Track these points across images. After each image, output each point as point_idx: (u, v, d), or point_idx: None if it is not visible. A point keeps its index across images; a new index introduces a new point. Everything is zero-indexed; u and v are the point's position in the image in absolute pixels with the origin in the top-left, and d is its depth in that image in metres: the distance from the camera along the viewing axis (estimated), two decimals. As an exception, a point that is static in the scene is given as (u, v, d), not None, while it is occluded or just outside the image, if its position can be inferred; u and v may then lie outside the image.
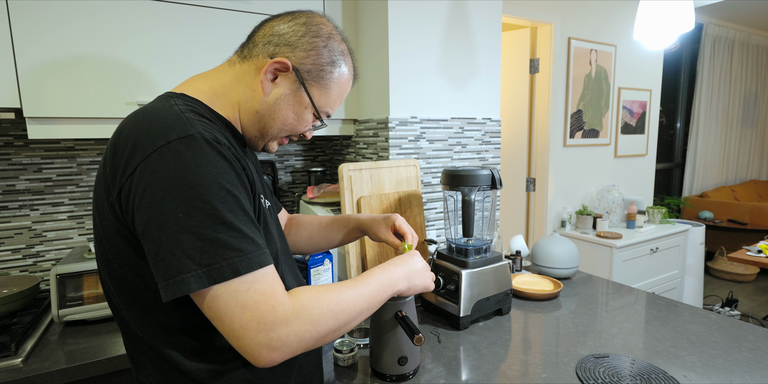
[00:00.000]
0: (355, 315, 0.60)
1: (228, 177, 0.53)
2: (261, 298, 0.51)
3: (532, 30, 2.54)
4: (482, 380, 0.86)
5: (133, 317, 0.60)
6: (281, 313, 0.52)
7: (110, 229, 0.56)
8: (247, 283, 0.51)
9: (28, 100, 1.04)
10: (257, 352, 0.51)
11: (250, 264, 0.51)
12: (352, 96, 1.52)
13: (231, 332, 0.51)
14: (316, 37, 0.65)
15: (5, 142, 1.29)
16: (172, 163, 0.51)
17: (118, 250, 0.57)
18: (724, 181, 4.54)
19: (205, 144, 0.53)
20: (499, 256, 1.16)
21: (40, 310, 1.18)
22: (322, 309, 0.56)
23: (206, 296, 0.50)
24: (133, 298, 0.59)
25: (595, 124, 2.78)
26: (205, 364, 0.60)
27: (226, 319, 0.50)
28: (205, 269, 0.49)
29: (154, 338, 0.59)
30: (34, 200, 1.34)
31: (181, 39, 1.19)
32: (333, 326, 0.57)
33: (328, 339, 0.57)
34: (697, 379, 0.84)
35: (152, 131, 0.53)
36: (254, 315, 0.50)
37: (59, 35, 1.06)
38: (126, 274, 0.58)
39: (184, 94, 0.63)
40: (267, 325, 0.51)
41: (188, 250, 0.49)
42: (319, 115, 0.69)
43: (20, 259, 1.34)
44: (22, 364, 0.94)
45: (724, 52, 4.21)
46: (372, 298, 0.63)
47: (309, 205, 1.42)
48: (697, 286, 2.88)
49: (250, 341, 0.50)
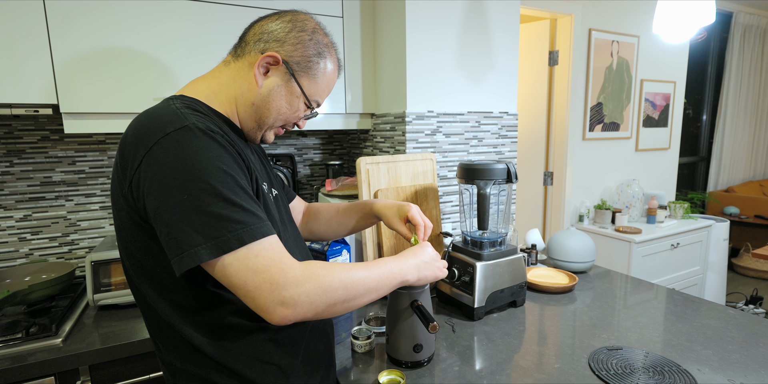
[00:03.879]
0: (364, 291, 0.64)
1: (224, 159, 0.58)
2: (270, 263, 0.56)
3: (551, 21, 2.50)
4: (496, 369, 0.88)
5: (151, 297, 0.66)
6: (292, 275, 0.57)
7: (125, 218, 0.62)
8: (254, 250, 0.56)
9: (64, 96, 1.10)
10: (272, 309, 0.56)
11: (253, 234, 0.56)
12: (369, 90, 1.54)
13: (247, 294, 0.56)
14: (301, 31, 0.71)
15: (42, 136, 1.37)
16: (172, 151, 0.56)
17: (134, 236, 0.63)
18: (752, 175, 4.39)
19: (200, 132, 0.58)
20: (514, 249, 1.18)
21: (76, 295, 1.25)
22: (332, 278, 0.60)
23: (219, 266, 0.55)
24: (151, 279, 0.65)
25: (615, 117, 2.73)
26: (216, 341, 0.65)
27: (241, 284, 0.55)
28: (214, 241, 0.54)
29: (171, 316, 0.65)
30: (68, 191, 1.42)
31: (207, 36, 1.23)
32: (342, 296, 0.61)
33: (338, 309, 0.61)
34: (711, 373, 0.84)
35: (152, 127, 0.59)
36: (266, 277, 0.55)
37: (92, 33, 1.11)
38: (143, 257, 0.64)
39: (183, 96, 0.69)
40: (279, 285, 0.56)
41: (196, 226, 0.54)
42: (310, 103, 0.75)
43: (57, 246, 1.43)
44: (62, 344, 1.01)
45: (755, 41, 4.04)
46: (381, 281, 0.67)
47: (327, 198, 1.45)
48: (719, 282, 2.82)
49: (265, 300, 0.55)
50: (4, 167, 1.34)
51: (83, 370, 1.00)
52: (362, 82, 1.52)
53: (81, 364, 0.98)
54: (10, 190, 1.35)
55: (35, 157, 1.37)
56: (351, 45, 1.47)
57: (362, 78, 1.51)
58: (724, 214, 3.92)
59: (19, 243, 1.38)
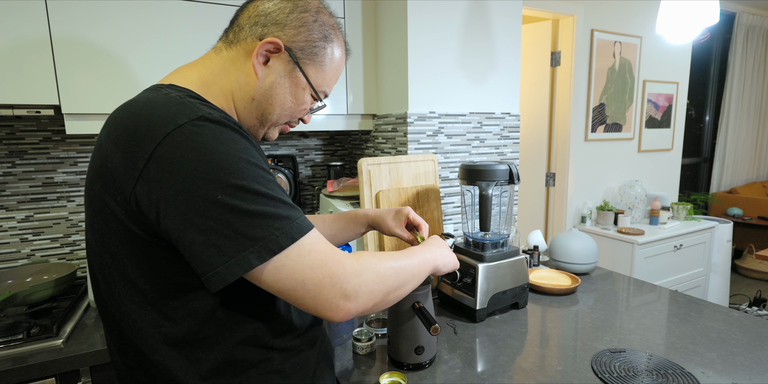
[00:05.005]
0: (410, 277, 0.62)
1: (250, 151, 0.52)
2: (324, 257, 0.52)
3: (553, 22, 2.50)
4: (498, 371, 0.87)
5: (135, 328, 0.56)
6: (350, 265, 0.53)
7: (115, 229, 0.52)
8: (306, 246, 0.51)
9: (66, 97, 1.10)
10: (335, 305, 0.52)
11: (301, 228, 0.51)
12: (371, 91, 1.53)
13: (306, 294, 0.51)
14: (304, 12, 0.62)
15: (44, 137, 1.37)
16: (191, 146, 0.48)
17: (128, 253, 0.53)
18: (755, 176, 4.37)
19: (218, 124, 0.51)
20: (516, 251, 1.17)
21: (77, 296, 1.25)
22: (384, 265, 0.58)
23: (270, 270, 0.49)
24: (141, 307, 0.55)
25: (618, 118, 2.72)
26: (211, 380, 0.57)
27: (299, 284, 0.50)
28: (262, 243, 0.48)
29: (157, 353, 0.56)
30: (70, 192, 1.42)
31: (211, 36, 1.23)
32: (395, 284, 0.59)
33: (391, 298, 0.59)
34: (715, 376, 0.84)
35: (156, 118, 0.50)
36: (325, 271, 0.51)
37: (94, 34, 1.11)
38: (137, 279, 0.54)
39: (173, 85, 0.59)
40: (340, 278, 0.52)
41: (239, 228, 0.47)
42: (318, 94, 0.66)
43: (58, 247, 1.43)
44: (63, 345, 1.01)
45: (758, 41, 4.03)
46: (420, 267, 0.66)
47: (329, 199, 1.45)
48: (722, 284, 2.81)
49: (328, 295, 0.51)
50: (6, 168, 1.34)
51: (84, 372, 1.00)
52: (364, 83, 1.51)
53: (82, 365, 0.98)
54: (12, 190, 1.35)
55: (37, 158, 1.37)
56: (353, 46, 1.47)
57: (364, 79, 1.51)
58: (727, 216, 3.90)
59: (20, 244, 1.38)
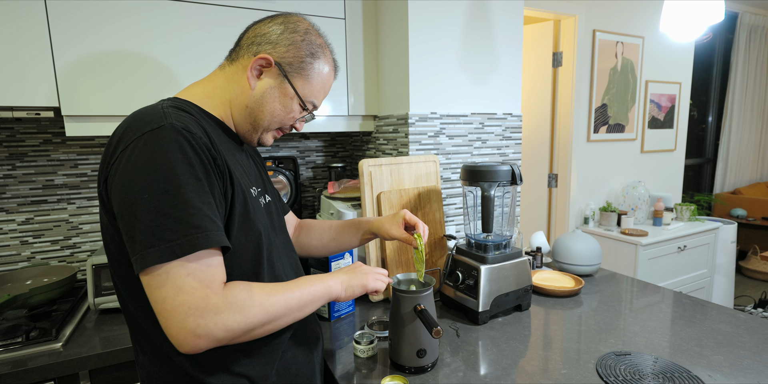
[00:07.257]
0: (285, 312, 0.63)
1: (192, 162, 0.57)
2: (197, 285, 0.55)
3: (555, 22, 2.49)
4: (501, 375, 0.86)
5: (126, 297, 0.65)
6: (213, 302, 0.55)
7: (103, 216, 0.63)
8: (190, 267, 0.54)
9: (66, 99, 1.10)
10: (182, 336, 0.54)
11: (208, 241, 0.55)
12: (372, 92, 1.53)
13: (162, 313, 0.54)
14: (293, 32, 0.72)
15: (44, 139, 1.37)
16: (143, 150, 0.56)
17: (111, 235, 0.62)
18: (759, 177, 4.34)
19: (175, 133, 0.58)
20: (519, 252, 1.16)
21: (77, 298, 1.24)
22: (252, 302, 0.59)
23: (149, 273, 0.54)
24: (124, 279, 0.64)
25: (620, 119, 2.71)
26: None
27: (160, 299, 0.54)
28: (168, 245, 0.53)
29: (143, 319, 0.64)
30: (70, 194, 1.41)
31: (210, 38, 1.23)
32: (263, 319, 0.60)
33: (257, 332, 0.60)
34: (722, 379, 0.82)
35: (134, 126, 0.59)
36: (187, 300, 0.54)
37: (93, 36, 1.11)
38: (118, 256, 0.63)
39: (177, 98, 0.70)
40: (197, 312, 0.54)
41: (152, 227, 0.54)
42: (305, 104, 0.75)
43: (59, 250, 1.42)
44: (62, 349, 1.00)
45: (761, 42, 4.01)
46: (302, 300, 0.65)
47: (330, 200, 1.44)
48: (727, 285, 2.78)
49: (180, 323, 0.54)
50: (6, 170, 1.34)
51: (83, 375, 0.99)
52: (365, 84, 1.51)
53: (81, 368, 0.97)
54: (12, 193, 1.35)
55: (37, 160, 1.37)
56: (353, 46, 1.46)
57: (365, 80, 1.50)
58: (731, 216, 3.88)
59: (21, 246, 1.37)
